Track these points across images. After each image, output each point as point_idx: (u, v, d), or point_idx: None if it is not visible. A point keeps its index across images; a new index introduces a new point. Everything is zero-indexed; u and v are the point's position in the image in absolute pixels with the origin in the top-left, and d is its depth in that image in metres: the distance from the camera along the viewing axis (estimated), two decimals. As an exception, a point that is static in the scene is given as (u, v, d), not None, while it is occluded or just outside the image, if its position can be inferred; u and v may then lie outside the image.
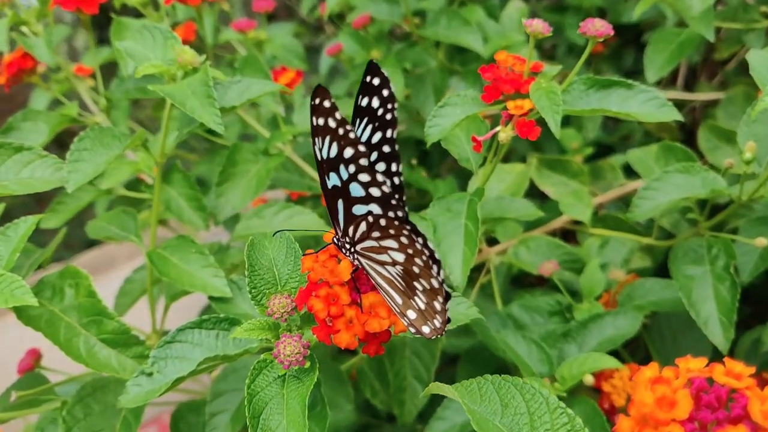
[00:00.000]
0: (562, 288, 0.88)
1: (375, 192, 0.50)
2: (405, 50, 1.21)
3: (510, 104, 0.66)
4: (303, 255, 0.55)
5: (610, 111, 0.66)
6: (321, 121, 0.49)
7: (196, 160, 1.35)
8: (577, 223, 1.00)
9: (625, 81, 0.67)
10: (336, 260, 0.53)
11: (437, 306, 0.51)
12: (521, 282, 1.20)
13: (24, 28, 0.90)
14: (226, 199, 0.86)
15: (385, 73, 0.53)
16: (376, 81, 0.53)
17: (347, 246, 0.53)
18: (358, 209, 0.51)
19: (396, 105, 0.53)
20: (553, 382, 0.74)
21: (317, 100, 0.48)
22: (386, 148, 0.54)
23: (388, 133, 0.54)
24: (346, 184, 0.50)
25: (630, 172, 1.09)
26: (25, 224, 0.64)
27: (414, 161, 1.30)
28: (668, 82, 1.38)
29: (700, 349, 0.88)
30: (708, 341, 0.77)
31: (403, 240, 0.50)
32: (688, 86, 1.36)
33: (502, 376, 0.48)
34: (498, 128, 0.68)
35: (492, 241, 1.02)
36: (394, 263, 0.51)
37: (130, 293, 0.93)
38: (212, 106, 0.63)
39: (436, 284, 0.51)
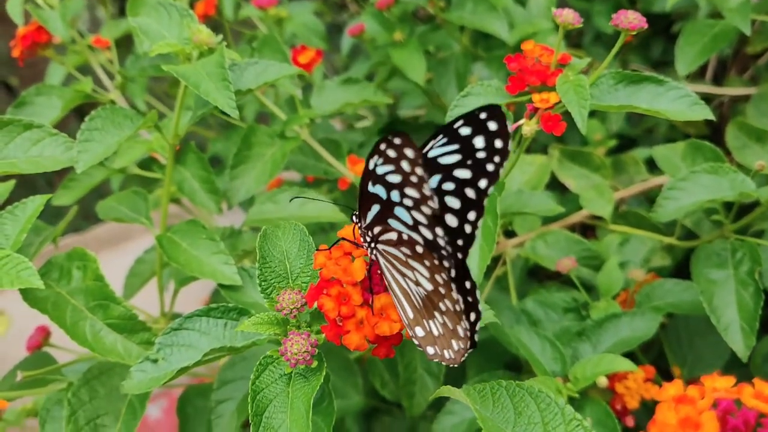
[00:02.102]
0: (579, 286, 0.86)
1: (424, 231, 0.47)
2: (428, 33, 1.18)
3: (535, 97, 0.64)
4: (316, 250, 0.53)
5: (640, 108, 0.63)
6: (392, 154, 0.44)
7: (213, 137, 1.34)
8: (597, 218, 0.97)
9: (655, 77, 0.65)
10: (350, 258, 0.51)
11: (460, 332, 0.49)
12: (537, 274, 1.18)
13: (39, 0, 0.89)
14: (240, 182, 0.85)
15: (509, 126, 0.47)
16: (492, 125, 0.47)
17: (368, 239, 0.50)
18: (395, 224, 0.48)
19: (505, 162, 0.48)
20: (566, 382, 0.72)
21: (399, 141, 0.43)
22: (470, 192, 0.49)
23: (481, 183, 0.48)
24: (392, 203, 0.47)
25: (653, 166, 1.06)
26: (34, 204, 0.63)
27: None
28: (697, 74, 1.34)
29: (717, 354, 0.87)
30: (725, 345, 0.74)
31: (429, 265, 0.47)
32: (717, 80, 1.33)
33: (517, 382, 0.46)
34: (522, 121, 0.66)
35: (509, 234, 1.00)
36: (417, 283, 0.48)
37: (141, 274, 0.92)
38: (227, 89, 0.62)
39: (458, 308, 0.48)
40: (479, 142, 0.47)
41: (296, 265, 0.55)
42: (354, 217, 0.51)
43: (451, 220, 0.49)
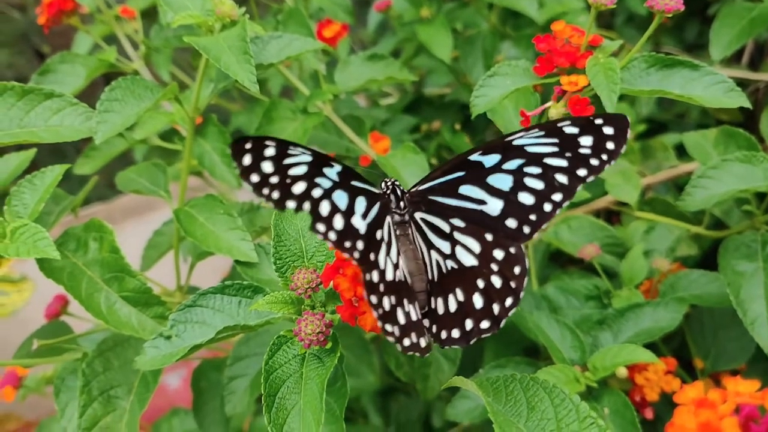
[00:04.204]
0: (602, 273, 0.84)
1: None
2: (456, 10, 1.16)
3: (564, 79, 0.62)
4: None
5: (672, 93, 0.61)
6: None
7: (236, 109, 1.33)
8: (623, 204, 0.95)
9: (689, 61, 0.62)
10: (366, 239, 0.50)
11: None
12: (559, 258, 1.16)
13: (65, -33, 0.88)
14: (260, 157, 0.84)
15: (627, 135, 0.51)
16: (608, 130, 0.51)
17: None
18: None
19: (613, 161, 0.51)
20: (585, 371, 0.71)
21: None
22: (561, 178, 0.52)
23: (580, 172, 0.52)
24: None
25: (682, 152, 1.04)
26: (52, 173, 0.63)
27: (458, 126, 1.26)
28: (732, 58, 1.30)
29: (742, 347, 0.85)
30: (751, 339, 0.72)
31: None
32: (754, 64, 1.29)
33: (531, 376, 0.45)
34: (549, 104, 0.64)
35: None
36: None
37: (158, 246, 0.91)
38: (248, 63, 0.60)
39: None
40: (586, 141, 0.51)
41: (311, 243, 0.55)
42: None
43: (527, 198, 0.53)
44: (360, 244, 0.49)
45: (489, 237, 0.53)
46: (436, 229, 0.54)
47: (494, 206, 0.53)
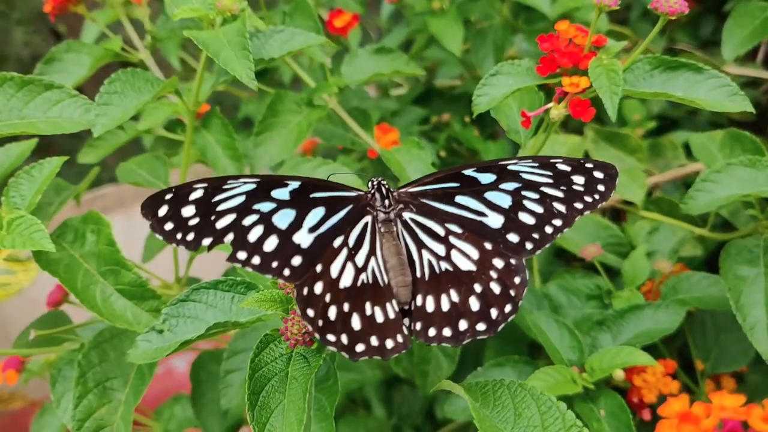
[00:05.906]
0: (603, 273, 0.83)
1: None
2: (468, 3, 1.15)
3: (565, 80, 0.61)
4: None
5: (675, 96, 0.61)
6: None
7: (246, 98, 1.33)
8: (629, 203, 0.94)
9: (694, 63, 0.62)
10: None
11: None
12: (564, 255, 1.16)
13: (72, -46, 0.88)
14: (263, 150, 0.83)
15: (616, 182, 0.53)
16: (598, 174, 0.53)
17: None
18: None
19: (605, 201, 0.53)
20: (582, 372, 0.71)
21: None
22: (559, 206, 0.53)
23: (577, 205, 0.53)
24: None
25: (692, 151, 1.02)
26: (51, 165, 0.63)
27: (467, 119, 1.26)
28: (747, 56, 1.28)
29: (743, 351, 0.84)
30: (751, 343, 0.72)
31: None
32: (768, 63, 1.27)
33: (519, 382, 0.45)
34: (550, 105, 0.63)
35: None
36: None
37: (160, 237, 0.91)
38: (246, 59, 0.60)
39: None
40: (578, 179, 0.53)
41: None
42: None
43: (527, 218, 0.54)
44: (296, 260, 0.50)
45: (488, 246, 0.53)
46: (428, 231, 0.54)
47: (495, 220, 0.54)
